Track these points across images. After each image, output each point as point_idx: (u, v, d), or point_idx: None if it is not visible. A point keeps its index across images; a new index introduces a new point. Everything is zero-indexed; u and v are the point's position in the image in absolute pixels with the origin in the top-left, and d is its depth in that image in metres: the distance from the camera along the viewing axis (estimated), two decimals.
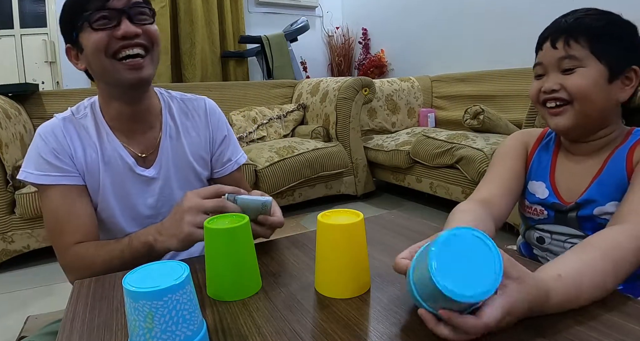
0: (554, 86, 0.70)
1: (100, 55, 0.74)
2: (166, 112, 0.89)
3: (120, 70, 0.75)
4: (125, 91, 0.80)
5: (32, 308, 1.57)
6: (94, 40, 0.73)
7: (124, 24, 0.73)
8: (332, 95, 2.75)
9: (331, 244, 0.57)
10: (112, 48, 0.74)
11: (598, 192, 0.71)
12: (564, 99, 0.70)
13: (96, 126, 0.83)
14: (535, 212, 0.80)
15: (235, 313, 0.55)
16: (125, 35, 0.73)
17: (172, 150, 0.88)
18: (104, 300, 0.60)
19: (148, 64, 0.78)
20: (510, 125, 2.38)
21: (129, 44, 0.74)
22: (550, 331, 0.47)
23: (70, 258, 0.77)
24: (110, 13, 0.73)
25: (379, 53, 4.00)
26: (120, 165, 0.83)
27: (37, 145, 0.78)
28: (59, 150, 0.78)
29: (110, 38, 0.73)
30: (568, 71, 0.69)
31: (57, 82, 3.31)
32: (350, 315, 0.53)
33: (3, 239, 1.89)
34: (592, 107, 0.69)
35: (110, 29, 0.73)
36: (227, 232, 0.57)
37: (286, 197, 2.52)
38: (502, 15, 2.85)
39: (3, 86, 2.24)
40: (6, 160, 1.85)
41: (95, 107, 0.84)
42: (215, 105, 0.99)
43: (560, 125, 0.72)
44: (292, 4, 4.18)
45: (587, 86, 0.68)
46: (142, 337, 0.43)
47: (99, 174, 0.81)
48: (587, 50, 0.68)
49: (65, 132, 0.80)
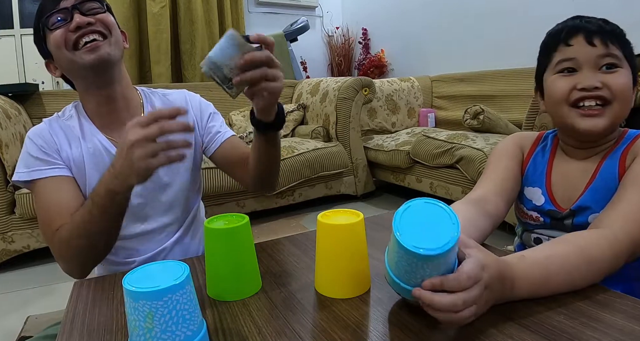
0: (597, 83, 0.66)
1: (61, 50, 0.78)
2: (147, 105, 0.92)
3: (80, 55, 0.77)
4: (91, 76, 0.81)
5: (32, 308, 1.57)
6: (53, 39, 0.77)
7: (75, 17, 0.77)
8: (332, 95, 2.75)
9: (331, 244, 0.57)
10: (70, 40, 0.77)
11: (592, 199, 0.71)
12: (605, 99, 0.66)
13: (80, 124, 0.86)
14: (531, 218, 0.80)
15: (235, 313, 0.55)
16: (79, 25, 0.76)
17: None
18: (104, 300, 0.60)
19: (106, 44, 0.79)
20: (510, 125, 2.38)
21: (84, 32, 0.77)
22: (550, 331, 0.47)
23: (57, 243, 0.76)
24: (62, 12, 0.77)
25: (379, 53, 4.00)
26: (106, 157, 0.84)
27: (26, 147, 0.82)
28: (46, 146, 0.81)
29: (66, 32, 0.77)
30: (610, 70, 0.66)
31: (57, 82, 3.31)
32: (350, 315, 0.53)
33: (3, 239, 1.89)
34: (627, 110, 0.68)
35: (66, 25, 0.77)
36: (227, 232, 0.57)
37: (286, 197, 2.52)
38: (502, 16, 2.85)
39: (3, 86, 2.24)
40: (6, 160, 1.85)
41: (79, 108, 0.88)
42: (194, 94, 1.00)
43: (600, 127, 0.67)
44: (292, 4, 4.17)
45: (629, 86, 0.67)
46: (142, 337, 0.43)
47: (84, 168, 0.83)
48: (621, 52, 0.67)
49: (51, 131, 0.83)
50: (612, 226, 0.59)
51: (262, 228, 2.36)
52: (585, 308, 0.51)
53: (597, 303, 0.52)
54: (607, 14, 0.76)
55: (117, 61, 0.83)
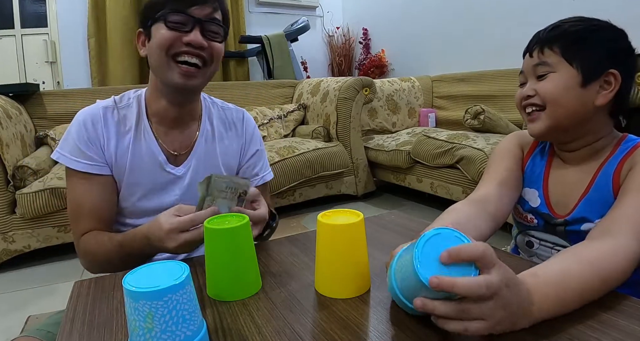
0: (529, 92, 0.72)
1: (161, 51, 0.78)
2: (205, 117, 0.92)
3: (173, 69, 0.79)
4: (172, 92, 0.83)
5: (33, 308, 1.57)
6: (161, 35, 0.77)
7: (194, 33, 0.77)
8: (332, 95, 2.75)
9: (331, 244, 0.57)
10: (174, 49, 0.78)
11: (587, 210, 0.71)
12: (537, 104, 0.71)
13: (137, 117, 0.85)
14: (526, 218, 0.80)
15: (235, 313, 0.55)
16: (191, 43, 0.77)
17: (204, 152, 0.90)
18: (104, 300, 0.60)
19: (201, 75, 0.81)
20: (510, 125, 2.38)
21: (191, 51, 0.78)
22: (550, 331, 0.47)
23: (81, 246, 0.82)
24: (187, 19, 0.77)
25: (379, 53, 4.00)
26: (150, 161, 0.85)
27: (74, 131, 0.82)
28: (93, 139, 0.81)
29: (176, 40, 0.77)
30: (541, 77, 0.71)
31: (57, 82, 3.31)
32: (350, 315, 0.53)
33: (4, 239, 1.89)
34: (563, 111, 0.69)
35: (181, 32, 0.77)
36: (227, 232, 0.57)
37: (287, 197, 2.52)
38: (503, 16, 2.85)
39: (4, 86, 2.25)
40: (7, 160, 1.85)
41: (141, 100, 0.87)
42: (252, 119, 1.01)
43: (534, 131, 0.73)
44: (293, 4, 4.17)
45: (555, 90, 0.69)
46: (142, 337, 0.43)
47: (125, 166, 0.83)
48: (559, 56, 0.69)
49: (103, 121, 0.83)
50: (621, 233, 0.58)
51: None
52: (586, 308, 0.51)
53: (598, 304, 0.52)
54: (607, 14, 0.76)
55: (202, 89, 0.87)
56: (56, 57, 3.28)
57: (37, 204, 1.86)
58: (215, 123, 0.93)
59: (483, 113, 2.31)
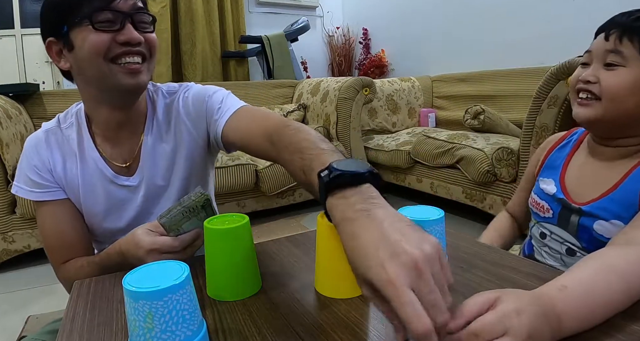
0: (590, 77, 0.69)
1: (98, 58, 0.69)
2: (151, 114, 0.84)
3: (117, 73, 0.71)
4: (117, 96, 0.76)
5: (33, 308, 1.58)
6: (93, 42, 0.68)
7: (127, 29, 0.69)
8: (332, 95, 2.75)
9: (331, 244, 0.57)
10: (112, 52, 0.69)
11: (606, 207, 0.70)
12: (594, 94, 0.68)
13: (78, 137, 0.80)
14: (541, 208, 0.80)
15: (235, 313, 0.55)
16: (129, 41, 0.70)
17: (154, 155, 0.83)
18: (104, 300, 0.60)
19: (145, 71, 0.74)
20: (510, 125, 2.38)
21: (130, 51, 0.71)
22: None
23: (60, 275, 0.81)
24: (115, 15, 0.69)
25: (379, 53, 4.00)
26: (101, 178, 0.81)
27: (23, 161, 0.80)
28: (40, 166, 0.78)
29: (111, 42, 0.69)
30: (610, 66, 0.67)
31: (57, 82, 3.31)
32: (350, 315, 0.52)
33: (4, 239, 1.89)
34: (621, 110, 0.67)
35: (113, 32, 0.69)
36: (227, 232, 0.57)
37: (287, 197, 2.52)
38: (503, 16, 2.84)
39: (4, 86, 2.25)
40: (7, 160, 1.85)
41: (81, 115, 0.82)
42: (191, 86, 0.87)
43: (581, 117, 0.70)
44: (293, 4, 4.17)
45: (620, 87, 0.66)
46: (142, 337, 0.43)
47: (78, 188, 0.80)
48: (637, 51, 0.65)
49: (46, 146, 0.79)
50: None
51: (262, 228, 2.36)
52: None
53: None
54: (608, 14, 0.75)
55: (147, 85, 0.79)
56: None
57: None
58: (161, 114, 0.84)
59: (483, 114, 2.31)
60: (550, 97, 1.68)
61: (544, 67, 2.05)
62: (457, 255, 0.69)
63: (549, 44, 2.49)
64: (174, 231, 0.65)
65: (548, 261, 0.80)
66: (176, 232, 0.65)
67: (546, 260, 0.80)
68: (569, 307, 0.45)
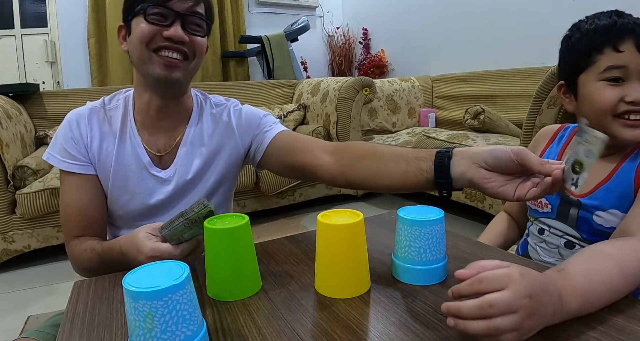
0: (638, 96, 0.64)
1: (141, 45, 0.76)
2: (195, 117, 0.88)
3: (155, 63, 0.77)
4: (156, 85, 0.81)
5: (33, 308, 1.58)
6: (140, 30, 0.75)
7: (174, 27, 0.75)
8: (332, 95, 2.75)
9: (331, 244, 0.57)
10: (154, 43, 0.76)
11: (603, 198, 0.71)
12: None
13: (123, 119, 0.84)
14: (540, 204, 0.81)
15: (235, 313, 0.55)
16: (172, 37, 0.75)
17: (192, 153, 0.87)
18: (104, 300, 0.60)
19: (183, 68, 0.79)
20: (510, 125, 2.37)
21: (172, 46, 0.76)
22: (550, 331, 0.47)
23: (68, 250, 0.83)
24: (167, 12, 0.75)
25: (379, 53, 4.00)
26: (135, 163, 0.84)
27: (61, 132, 0.83)
28: (76, 138, 0.82)
29: (156, 34, 0.75)
30: None
31: (57, 82, 3.31)
32: (350, 315, 0.53)
33: (4, 239, 1.89)
34: None
35: (161, 26, 0.75)
36: (227, 232, 0.57)
37: (287, 197, 2.52)
38: (503, 16, 2.85)
39: (4, 86, 2.25)
40: (7, 160, 1.85)
41: (129, 100, 0.86)
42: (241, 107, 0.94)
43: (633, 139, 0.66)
44: (293, 4, 4.18)
45: None
46: (142, 337, 0.43)
47: (110, 168, 0.83)
48: None
49: (88, 122, 0.83)
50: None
51: (262, 228, 2.36)
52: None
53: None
54: None
55: (186, 84, 0.84)
56: (56, 57, 3.28)
57: (37, 204, 1.86)
58: (208, 120, 0.89)
59: (483, 114, 2.31)
60: (551, 97, 1.68)
61: (544, 67, 2.05)
62: (457, 255, 0.69)
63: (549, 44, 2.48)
64: (175, 240, 0.65)
65: (543, 257, 0.81)
66: (177, 241, 0.65)
67: (541, 257, 0.81)
68: (569, 285, 0.48)
